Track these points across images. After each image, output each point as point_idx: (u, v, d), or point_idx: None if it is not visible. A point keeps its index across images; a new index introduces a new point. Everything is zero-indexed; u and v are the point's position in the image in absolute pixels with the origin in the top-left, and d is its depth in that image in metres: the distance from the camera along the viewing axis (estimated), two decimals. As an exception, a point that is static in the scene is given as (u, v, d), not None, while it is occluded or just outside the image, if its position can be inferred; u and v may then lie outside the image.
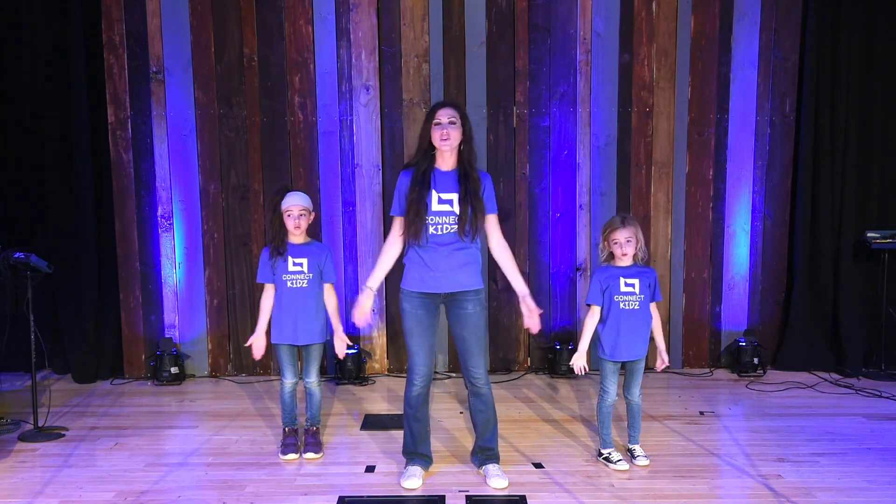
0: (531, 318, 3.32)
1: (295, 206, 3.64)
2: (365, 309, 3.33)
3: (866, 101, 5.20)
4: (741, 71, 5.16)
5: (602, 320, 3.54)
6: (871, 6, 5.12)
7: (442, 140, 3.19)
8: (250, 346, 3.74)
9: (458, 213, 3.21)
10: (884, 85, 5.18)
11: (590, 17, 5.09)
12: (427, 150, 3.27)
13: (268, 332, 3.75)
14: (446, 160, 3.27)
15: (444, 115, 3.21)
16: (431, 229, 3.22)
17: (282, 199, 3.67)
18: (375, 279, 3.36)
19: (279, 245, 3.66)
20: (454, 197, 3.22)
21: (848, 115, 5.16)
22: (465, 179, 3.23)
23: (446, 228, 3.22)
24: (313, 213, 3.75)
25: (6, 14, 5.02)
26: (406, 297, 3.32)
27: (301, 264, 3.65)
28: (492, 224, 3.36)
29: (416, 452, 3.43)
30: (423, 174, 3.24)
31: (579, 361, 3.53)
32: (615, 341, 3.50)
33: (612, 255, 3.55)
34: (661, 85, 5.14)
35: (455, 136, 3.20)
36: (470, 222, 3.21)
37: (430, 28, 5.06)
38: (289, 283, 3.65)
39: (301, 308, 3.66)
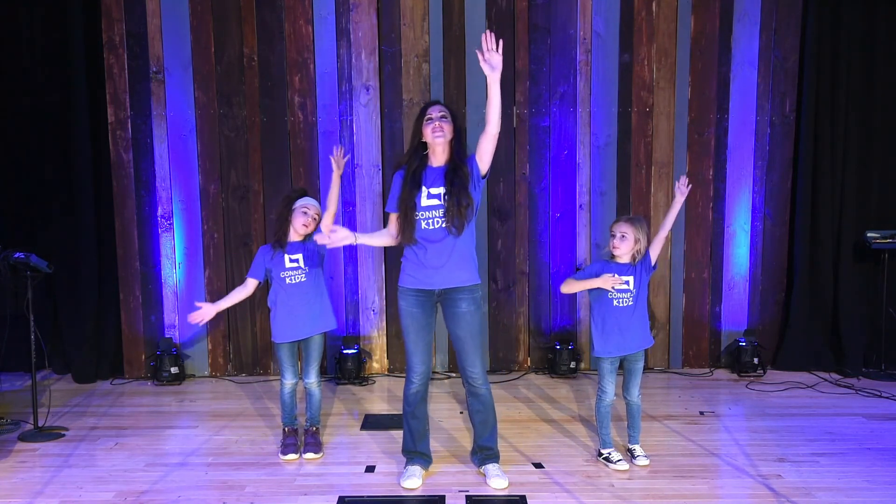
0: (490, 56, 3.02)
1: (312, 206, 3.71)
2: (336, 232, 3.18)
3: (866, 101, 5.20)
4: (741, 71, 5.16)
5: (595, 318, 3.58)
6: (871, 6, 5.12)
7: (435, 133, 3.20)
8: (197, 316, 3.64)
9: (446, 206, 3.21)
10: (884, 85, 5.19)
11: (590, 17, 5.09)
12: (419, 150, 3.29)
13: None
14: (438, 156, 3.27)
15: (435, 111, 3.23)
16: (423, 224, 3.23)
17: (299, 197, 3.74)
18: (364, 235, 3.43)
19: (281, 238, 3.69)
20: (442, 191, 3.22)
21: (848, 115, 5.16)
22: (453, 174, 3.22)
23: (436, 223, 3.22)
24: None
25: (6, 14, 5.02)
26: (402, 294, 3.34)
27: (297, 260, 3.69)
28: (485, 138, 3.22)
29: (416, 451, 3.44)
30: (414, 173, 3.26)
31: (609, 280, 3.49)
32: (608, 337, 3.53)
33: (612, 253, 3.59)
34: (661, 85, 5.14)
35: (447, 129, 3.22)
36: (457, 216, 3.20)
37: (430, 28, 5.06)
38: (287, 280, 3.68)
39: (302, 303, 3.68)
